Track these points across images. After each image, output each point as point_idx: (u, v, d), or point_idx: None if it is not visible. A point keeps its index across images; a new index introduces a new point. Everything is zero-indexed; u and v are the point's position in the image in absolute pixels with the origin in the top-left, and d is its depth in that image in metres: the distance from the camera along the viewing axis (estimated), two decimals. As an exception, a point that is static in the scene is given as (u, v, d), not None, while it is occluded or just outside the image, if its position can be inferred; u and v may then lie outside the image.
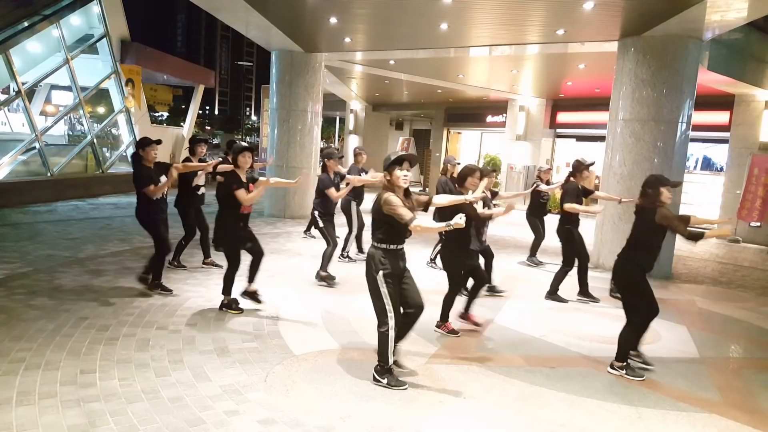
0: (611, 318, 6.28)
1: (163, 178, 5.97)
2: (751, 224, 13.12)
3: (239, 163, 5.49)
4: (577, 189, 6.65)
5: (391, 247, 4.00)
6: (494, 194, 8.62)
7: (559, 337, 5.47)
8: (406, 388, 3.99)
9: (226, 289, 5.62)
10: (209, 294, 6.09)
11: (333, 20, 9.78)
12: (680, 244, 10.90)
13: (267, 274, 7.18)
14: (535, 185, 8.90)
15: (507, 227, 12.48)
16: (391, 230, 3.96)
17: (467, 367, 4.54)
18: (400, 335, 4.13)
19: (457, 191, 5.30)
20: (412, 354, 4.70)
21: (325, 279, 6.89)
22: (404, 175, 4.02)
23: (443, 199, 4.61)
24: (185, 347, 4.56)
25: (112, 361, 4.18)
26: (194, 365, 4.21)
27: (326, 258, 6.91)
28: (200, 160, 7.12)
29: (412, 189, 4.21)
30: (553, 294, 6.84)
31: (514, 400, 3.99)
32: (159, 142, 5.95)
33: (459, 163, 7.52)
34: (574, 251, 6.78)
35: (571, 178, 6.76)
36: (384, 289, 3.94)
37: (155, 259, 6.02)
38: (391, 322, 3.96)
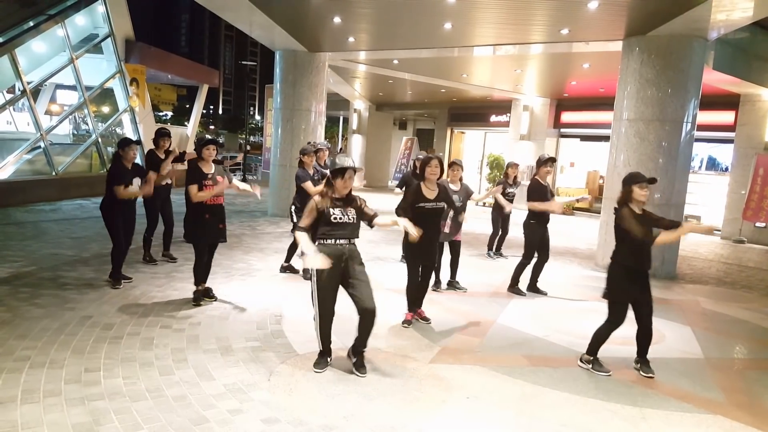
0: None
1: (136, 181, 6.07)
2: (756, 225, 13.07)
3: (203, 155, 5.56)
4: (539, 186, 6.71)
5: (327, 241, 4.17)
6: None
7: (561, 337, 5.46)
8: (321, 371, 4.18)
9: (197, 280, 5.71)
10: (213, 293, 6.09)
11: (337, 20, 9.78)
12: (684, 244, 10.88)
13: (270, 273, 7.21)
14: (501, 186, 8.70)
15: (513, 227, 12.43)
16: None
17: (470, 367, 4.54)
18: (358, 340, 4.25)
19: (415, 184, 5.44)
20: (414, 355, 4.70)
21: (287, 269, 7.24)
22: (344, 186, 4.21)
23: (384, 220, 4.42)
24: (189, 346, 4.57)
25: (116, 359, 4.20)
26: (198, 364, 4.22)
27: (291, 250, 7.17)
28: (166, 152, 7.16)
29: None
30: (513, 287, 6.98)
31: (517, 400, 3.99)
32: (138, 142, 6.03)
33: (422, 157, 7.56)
34: (533, 245, 6.87)
35: (535, 176, 6.82)
36: (313, 285, 4.19)
37: (112, 252, 6.19)
38: (316, 316, 4.29)
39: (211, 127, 74.86)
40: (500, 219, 9.31)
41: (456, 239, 6.69)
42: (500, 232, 9.41)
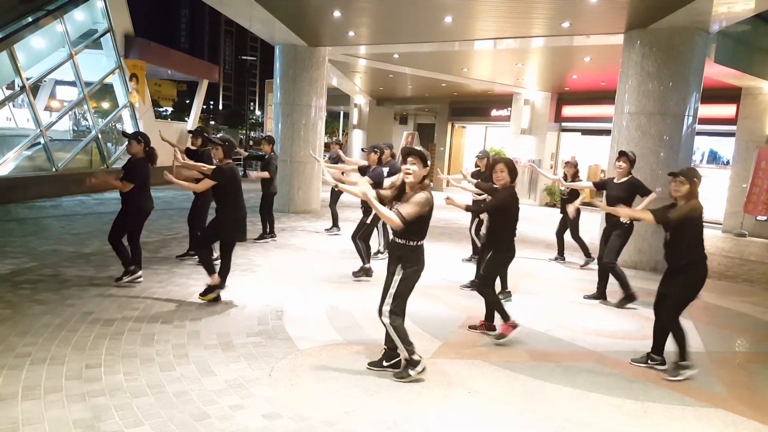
0: (616, 313, 6.27)
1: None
2: (757, 218, 13.05)
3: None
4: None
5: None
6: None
7: (563, 332, 5.45)
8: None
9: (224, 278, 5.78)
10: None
11: (337, 14, 9.74)
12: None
13: (271, 269, 7.20)
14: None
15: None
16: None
17: (472, 362, 4.53)
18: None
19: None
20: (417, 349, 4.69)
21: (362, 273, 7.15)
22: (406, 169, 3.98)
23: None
24: (190, 342, 4.57)
25: (117, 355, 4.19)
26: (199, 360, 4.22)
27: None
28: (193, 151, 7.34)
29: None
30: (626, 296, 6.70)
31: (519, 395, 3.98)
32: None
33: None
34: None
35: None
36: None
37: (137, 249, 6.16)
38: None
39: (212, 122, 74.73)
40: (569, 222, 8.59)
41: None
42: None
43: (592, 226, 9.55)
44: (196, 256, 6.47)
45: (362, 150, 8.50)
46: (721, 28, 8.75)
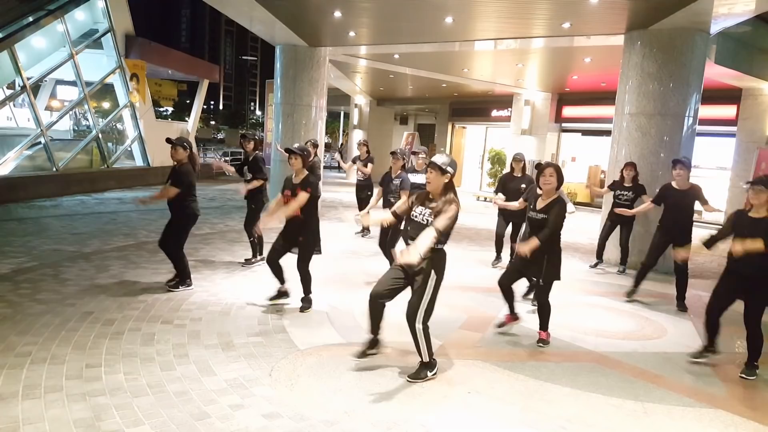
0: (616, 313, 6.28)
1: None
2: (757, 219, 13.03)
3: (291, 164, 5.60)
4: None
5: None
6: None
7: (564, 332, 5.45)
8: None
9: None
10: (214, 289, 6.10)
11: (337, 14, 9.74)
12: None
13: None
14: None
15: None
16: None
17: (472, 362, 4.54)
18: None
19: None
20: (415, 349, 4.69)
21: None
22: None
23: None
24: (190, 341, 4.57)
25: (118, 355, 4.20)
26: (199, 359, 4.22)
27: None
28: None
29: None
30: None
31: (519, 395, 3.99)
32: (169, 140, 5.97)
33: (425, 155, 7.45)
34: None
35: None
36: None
37: (182, 258, 6.09)
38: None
39: (212, 122, 74.79)
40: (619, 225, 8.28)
41: None
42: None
43: (593, 225, 9.52)
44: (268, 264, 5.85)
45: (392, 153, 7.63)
46: (721, 29, 8.75)
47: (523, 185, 7.23)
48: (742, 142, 13.51)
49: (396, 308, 4.42)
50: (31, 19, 12.48)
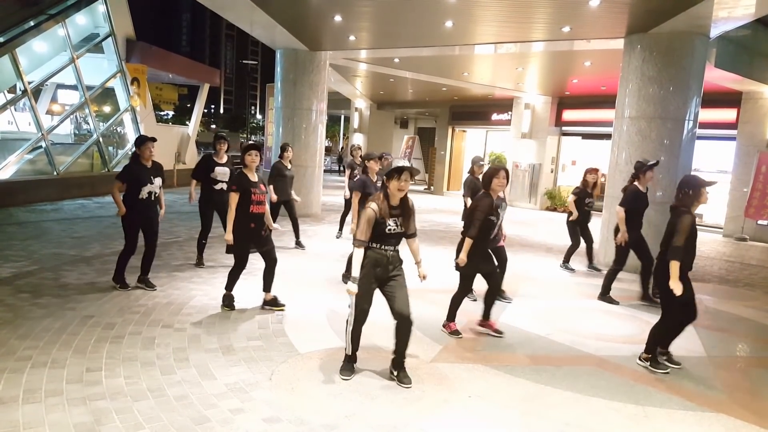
0: (616, 317, 6.27)
1: (158, 181, 5.95)
2: (758, 222, 13.04)
3: (246, 162, 5.50)
4: (640, 194, 6.63)
5: (373, 245, 4.05)
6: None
7: (564, 336, 5.45)
8: (348, 379, 4.09)
9: (229, 285, 5.64)
10: (214, 292, 6.09)
11: (337, 18, 9.77)
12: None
13: (272, 273, 7.19)
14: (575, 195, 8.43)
15: (515, 226, 12.43)
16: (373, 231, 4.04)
17: (472, 366, 4.53)
18: (397, 352, 4.12)
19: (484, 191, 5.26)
20: (416, 353, 4.69)
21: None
22: (399, 188, 3.99)
23: (415, 249, 4.35)
24: (190, 345, 4.57)
25: (118, 359, 4.20)
26: (199, 363, 4.22)
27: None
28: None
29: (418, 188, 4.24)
30: (604, 295, 6.88)
31: (520, 399, 3.98)
32: (154, 139, 5.96)
33: (484, 163, 7.44)
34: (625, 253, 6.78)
35: (635, 182, 6.73)
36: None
37: (120, 253, 6.06)
38: (350, 318, 4.17)
39: (213, 126, 74.86)
40: (578, 229, 8.46)
41: (500, 245, 6.34)
42: (579, 242, 8.52)
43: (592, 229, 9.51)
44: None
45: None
46: (721, 33, 8.76)
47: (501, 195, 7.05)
48: (743, 145, 13.51)
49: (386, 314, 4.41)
50: (32, 23, 12.50)
